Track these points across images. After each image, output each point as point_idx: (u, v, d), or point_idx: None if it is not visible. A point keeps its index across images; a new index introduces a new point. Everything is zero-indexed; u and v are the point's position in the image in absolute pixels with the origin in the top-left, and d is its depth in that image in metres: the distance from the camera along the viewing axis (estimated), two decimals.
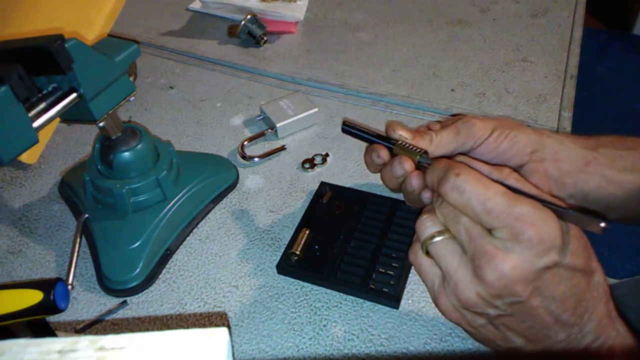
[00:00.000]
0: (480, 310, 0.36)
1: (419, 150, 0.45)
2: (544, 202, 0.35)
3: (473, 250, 0.35)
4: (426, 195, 0.43)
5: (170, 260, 0.56)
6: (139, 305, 0.53)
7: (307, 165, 0.65)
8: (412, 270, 0.53)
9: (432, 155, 0.47)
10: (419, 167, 0.45)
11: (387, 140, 0.47)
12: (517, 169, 0.47)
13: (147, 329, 0.52)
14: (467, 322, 0.39)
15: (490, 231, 0.35)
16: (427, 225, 0.39)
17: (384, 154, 0.47)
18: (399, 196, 0.59)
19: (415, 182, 0.43)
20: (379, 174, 0.49)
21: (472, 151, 0.47)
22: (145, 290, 0.54)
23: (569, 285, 0.35)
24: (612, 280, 0.71)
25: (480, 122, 0.47)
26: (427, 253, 0.39)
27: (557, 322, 0.35)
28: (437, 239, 0.38)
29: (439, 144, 0.47)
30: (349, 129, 0.49)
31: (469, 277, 0.36)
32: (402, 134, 0.46)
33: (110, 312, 0.52)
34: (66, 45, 0.44)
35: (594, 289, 0.36)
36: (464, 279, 0.36)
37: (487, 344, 0.40)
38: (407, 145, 0.46)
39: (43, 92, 0.47)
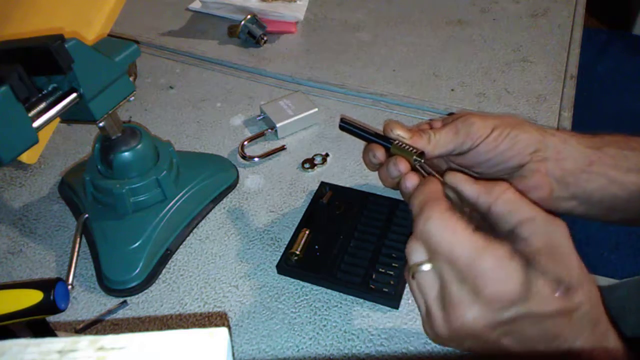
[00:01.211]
0: (454, 344, 0.38)
1: (415, 150, 0.45)
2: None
3: (443, 293, 0.36)
4: None
5: (170, 260, 0.56)
6: (139, 305, 0.53)
7: (307, 165, 0.65)
8: None
9: (430, 155, 0.47)
10: (415, 168, 0.44)
11: (384, 139, 0.47)
12: (518, 169, 0.47)
13: (147, 329, 0.52)
14: (455, 345, 0.39)
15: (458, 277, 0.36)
16: (414, 251, 0.38)
17: (380, 154, 0.47)
18: (399, 196, 0.59)
19: (409, 184, 0.43)
20: (377, 177, 0.49)
21: (471, 150, 0.47)
22: (145, 290, 0.54)
23: (540, 329, 0.35)
24: (612, 281, 0.71)
25: (480, 121, 0.46)
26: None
27: (531, 353, 0.36)
28: (423, 268, 0.38)
29: (437, 143, 0.46)
30: (347, 126, 0.49)
31: (440, 316, 0.37)
32: (399, 134, 0.46)
33: (110, 312, 0.52)
34: (66, 45, 0.44)
35: (576, 322, 0.35)
36: (437, 316, 0.37)
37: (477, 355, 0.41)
38: (404, 145, 0.46)
39: (43, 92, 0.47)
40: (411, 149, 0.45)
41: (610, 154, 0.47)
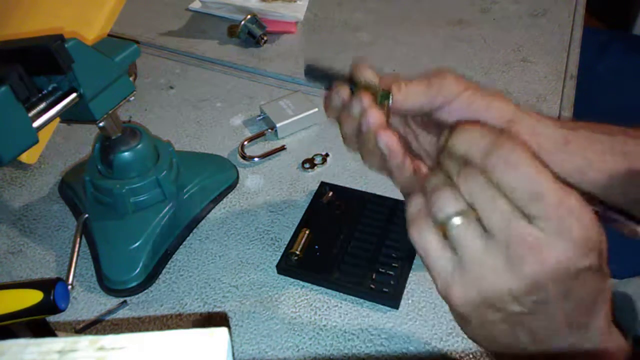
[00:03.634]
0: (503, 305, 0.33)
1: (382, 90, 0.41)
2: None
3: (510, 238, 0.31)
4: (389, 144, 0.39)
5: (170, 260, 0.56)
6: (139, 305, 0.53)
7: (307, 165, 0.65)
8: (412, 271, 0.53)
9: (399, 107, 0.42)
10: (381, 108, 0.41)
11: (352, 82, 0.43)
12: None
13: (147, 329, 0.52)
14: (478, 316, 0.34)
15: (530, 218, 0.31)
16: (447, 201, 0.32)
17: (345, 93, 0.42)
18: (399, 196, 0.59)
19: (372, 119, 0.38)
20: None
21: (442, 109, 0.42)
22: (145, 290, 0.54)
23: (592, 289, 0.33)
24: (612, 280, 0.71)
25: (454, 78, 0.43)
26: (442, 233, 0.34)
27: (569, 326, 0.34)
28: (461, 221, 0.32)
29: (407, 94, 0.41)
30: (313, 72, 0.45)
31: (500, 268, 0.31)
32: (367, 76, 0.42)
33: (110, 312, 0.52)
34: (66, 45, 0.44)
35: (606, 290, 0.34)
36: (494, 270, 0.31)
37: (484, 342, 0.37)
38: (371, 86, 0.42)
39: (43, 92, 0.47)
40: (378, 88, 0.41)
41: (585, 135, 0.45)
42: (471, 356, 0.48)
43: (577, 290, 0.32)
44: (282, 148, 0.67)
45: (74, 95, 0.47)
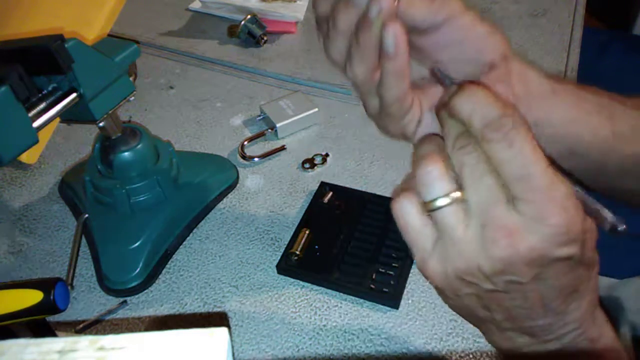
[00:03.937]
0: (476, 281, 0.33)
1: None
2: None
3: (488, 219, 0.31)
4: (399, 38, 0.34)
5: (170, 260, 0.56)
6: (139, 305, 0.53)
7: (307, 165, 0.65)
8: (412, 271, 0.53)
9: (401, 15, 0.36)
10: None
11: None
12: (487, 70, 0.39)
13: (147, 329, 0.52)
14: (452, 289, 0.35)
15: (512, 200, 0.31)
16: (434, 180, 0.32)
17: None
18: None
19: (385, 2, 0.33)
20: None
21: (444, 26, 0.38)
22: (145, 290, 0.54)
23: (572, 277, 0.33)
24: (612, 281, 0.71)
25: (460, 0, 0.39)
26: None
27: (544, 308, 0.34)
28: (447, 205, 0.32)
29: (412, 0, 0.36)
30: None
31: (475, 247, 0.32)
32: None
33: (110, 312, 0.52)
34: (66, 45, 0.44)
35: (592, 279, 0.34)
36: (469, 249, 0.32)
37: (461, 313, 0.37)
38: None
39: (43, 92, 0.47)
40: None
41: (573, 91, 0.44)
42: (471, 356, 0.48)
43: (553, 277, 0.32)
44: (282, 148, 0.67)
45: (74, 95, 0.47)
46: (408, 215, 0.34)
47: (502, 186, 0.31)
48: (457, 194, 0.32)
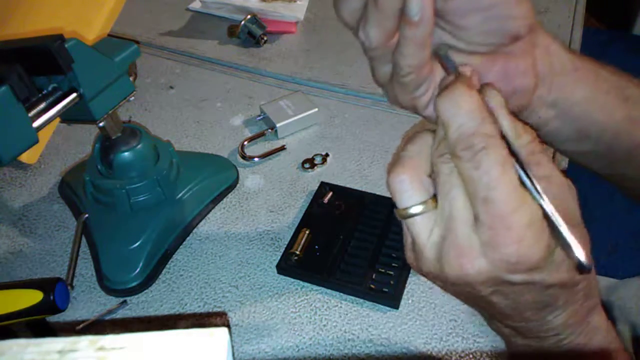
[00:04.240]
0: (440, 284, 0.34)
1: None
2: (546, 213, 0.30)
3: (447, 234, 0.31)
4: (425, 2, 0.30)
5: (170, 260, 0.56)
6: (139, 305, 0.53)
7: (307, 165, 0.65)
8: (412, 271, 0.53)
9: None
10: None
11: None
12: (511, 41, 0.36)
13: (147, 329, 0.52)
14: (433, 281, 0.35)
15: (475, 219, 0.30)
16: (404, 191, 0.32)
17: None
18: None
19: None
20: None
21: None
22: (145, 290, 0.54)
23: (541, 296, 0.32)
24: (612, 281, 0.71)
25: None
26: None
27: (518, 315, 0.34)
28: (417, 215, 0.32)
29: None
30: None
31: (434, 257, 0.32)
32: None
33: (110, 312, 0.52)
34: (66, 45, 0.44)
35: (576, 293, 0.34)
36: (429, 257, 0.32)
37: (454, 297, 0.38)
38: None
39: (43, 92, 0.47)
40: None
41: (592, 69, 0.42)
42: (471, 356, 0.48)
43: (515, 294, 0.32)
44: (282, 148, 0.67)
45: (74, 95, 0.47)
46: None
47: (468, 204, 0.30)
48: (426, 205, 0.32)
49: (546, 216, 0.30)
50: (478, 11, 0.33)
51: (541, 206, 0.30)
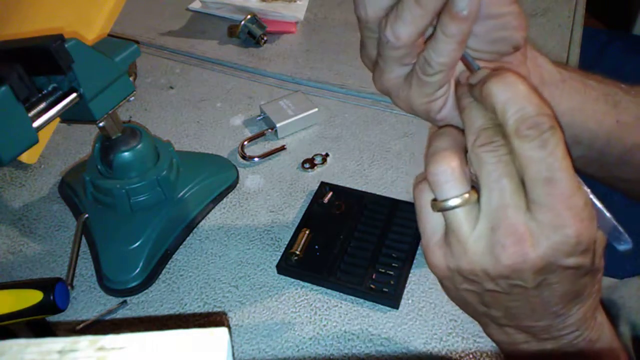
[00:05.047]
0: (478, 280, 0.33)
1: None
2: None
3: (499, 223, 0.30)
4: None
5: (170, 260, 0.56)
6: (139, 305, 0.53)
7: (307, 165, 0.65)
8: (412, 271, 0.53)
9: None
10: None
11: None
12: (511, 52, 0.36)
13: (147, 329, 0.52)
14: (453, 282, 0.34)
15: (528, 205, 0.30)
16: (446, 181, 0.31)
17: None
18: (399, 196, 0.59)
19: None
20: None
21: None
22: (145, 290, 0.54)
23: (577, 284, 0.33)
24: (612, 281, 0.71)
25: None
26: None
27: (545, 311, 0.34)
28: (459, 207, 0.31)
29: None
30: None
31: (482, 250, 0.31)
32: None
33: (110, 312, 0.52)
34: (66, 45, 0.44)
35: (595, 284, 0.34)
36: (476, 251, 0.31)
37: (458, 304, 0.37)
38: None
39: (43, 92, 0.47)
40: None
41: (579, 79, 0.44)
42: (471, 356, 0.48)
43: (559, 284, 0.32)
44: (282, 148, 0.67)
45: (74, 95, 0.47)
46: (423, 200, 0.34)
47: (519, 191, 0.30)
48: (469, 195, 0.31)
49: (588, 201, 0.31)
50: (488, 19, 0.33)
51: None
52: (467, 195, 0.31)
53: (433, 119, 0.36)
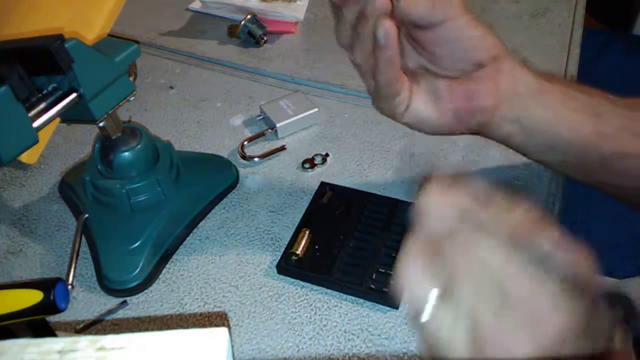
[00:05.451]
0: None
1: None
2: None
3: (475, 325, 0.29)
4: (388, 31, 0.40)
5: (170, 260, 0.56)
6: (139, 305, 0.53)
7: (307, 165, 0.65)
8: None
9: (401, 11, 0.41)
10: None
11: None
12: (475, 69, 0.44)
13: (147, 329, 0.52)
14: None
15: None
16: (423, 288, 0.30)
17: None
18: (399, 196, 0.59)
19: (379, 3, 0.39)
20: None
21: (441, 25, 0.42)
22: (145, 290, 0.54)
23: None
24: (613, 280, 0.71)
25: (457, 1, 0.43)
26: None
27: None
28: (435, 309, 0.30)
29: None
30: None
31: (462, 344, 0.30)
32: None
33: (110, 312, 0.52)
34: (66, 45, 0.44)
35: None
36: (455, 347, 0.30)
37: None
38: None
39: (43, 92, 0.47)
40: None
41: (561, 90, 0.46)
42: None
43: None
44: (282, 148, 0.67)
45: (74, 95, 0.47)
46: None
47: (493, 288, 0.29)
48: (442, 294, 0.30)
49: None
50: (447, 43, 0.43)
51: None
52: (441, 294, 0.30)
53: (400, 122, 0.46)
